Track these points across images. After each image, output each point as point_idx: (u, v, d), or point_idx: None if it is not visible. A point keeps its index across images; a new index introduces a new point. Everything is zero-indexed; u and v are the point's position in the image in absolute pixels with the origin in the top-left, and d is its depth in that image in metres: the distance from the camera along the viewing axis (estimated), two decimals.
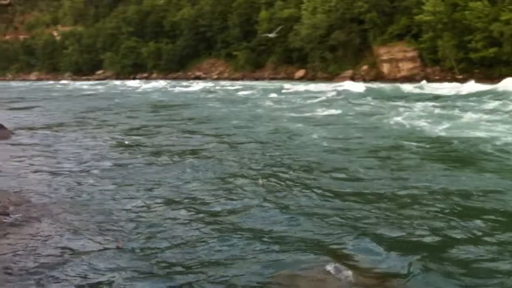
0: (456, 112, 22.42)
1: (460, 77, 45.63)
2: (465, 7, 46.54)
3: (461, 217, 8.20)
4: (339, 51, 60.86)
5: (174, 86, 57.13)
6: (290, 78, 64.29)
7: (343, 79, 54.20)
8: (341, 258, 6.79)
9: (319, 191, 9.96)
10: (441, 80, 45.46)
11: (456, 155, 13.43)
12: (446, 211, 8.54)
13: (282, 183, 10.79)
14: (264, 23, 70.79)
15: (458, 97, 30.55)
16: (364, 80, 52.20)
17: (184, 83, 63.08)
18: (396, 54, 54.18)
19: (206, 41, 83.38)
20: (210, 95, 42.04)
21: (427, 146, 14.59)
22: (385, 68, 55.33)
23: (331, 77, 58.08)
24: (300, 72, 65.79)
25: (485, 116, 20.53)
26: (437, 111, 23.44)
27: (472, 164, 12.20)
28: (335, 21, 60.27)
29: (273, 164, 12.84)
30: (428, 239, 7.38)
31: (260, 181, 10.83)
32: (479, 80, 40.03)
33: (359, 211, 8.68)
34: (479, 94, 30.35)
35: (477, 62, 45.94)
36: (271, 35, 67.69)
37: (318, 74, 61.93)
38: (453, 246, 7.11)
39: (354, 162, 12.71)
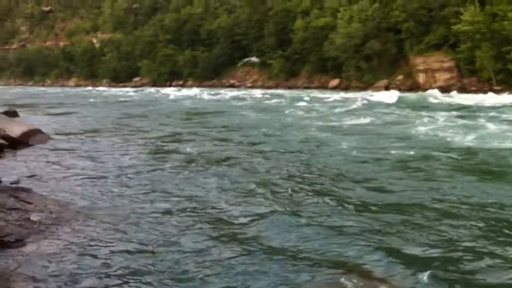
0: (487, 123, 22.15)
1: (498, 88, 44.77)
2: (504, 17, 45.62)
3: (495, 233, 8.07)
4: (374, 60, 60.33)
5: (208, 94, 57.55)
6: (324, 87, 63.99)
7: (378, 88, 53.77)
8: (363, 273, 6.75)
9: (347, 203, 9.95)
10: (478, 91, 44.74)
11: (486, 167, 13.27)
12: (479, 225, 8.42)
13: (310, 193, 10.81)
14: (299, 31, 70.65)
15: (490, 108, 30.20)
16: (399, 90, 51.47)
17: (218, 91, 63.51)
18: (433, 64, 53.31)
19: (241, 50, 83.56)
20: (242, 103, 42.21)
21: (458, 157, 14.45)
22: (421, 78, 54.57)
23: (365, 87, 57.54)
24: (334, 81, 65.35)
25: None
26: (467, 121, 23.17)
27: (503, 176, 12.06)
28: (371, 30, 59.77)
29: (301, 174, 12.87)
30: (460, 256, 7.27)
31: (290, 191, 10.92)
32: None
33: (387, 224, 8.63)
34: None
35: None
36: (253, 59, 68.68)
37: (353, 84, 61.42)
38: (486, 263, 7.00)
39: (384, 173, 12.65)
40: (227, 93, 57.95)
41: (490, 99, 35.55)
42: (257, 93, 56.38)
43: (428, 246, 7.62)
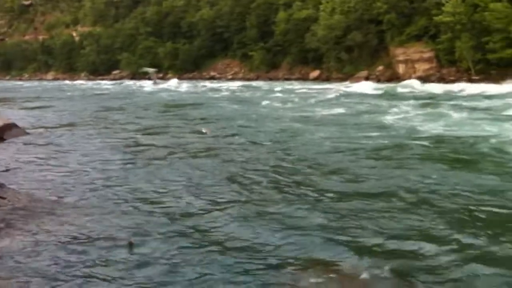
0: (459, 112, 22.45)
1: (476, 78, 45.23)
2: (485, 8, 45.91)
3: (463, 221, 8.08)
4: (355, 51, 60.40)
5: (187, 86, 57.39)
6: (304, 78, 64.13)
7: (358, 79, 53.99)
8: (330, 267, 6.67)
9: (320, 194, 9.90)
10: (457, 81, 45.13)
11: (456, 154, 13.43)
12: (448, 214, 8.44)
13: (284, 185, 10.76)
14: (281, 23, 70.63)
15: (464, 97, 30.77)
16: (379, 81, 51.98)
17: (198, 83, 63.28)
18: (412, 55, 53.57)
19: (222, 42, 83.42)
20: (221, 95, 42.19)
21: (430, 145, 14.61)
22: (401, 68, 54.80)
23: (346, 78, 57.60)
24: (315, 73, 65.45)
25: (486, 116, 20.64)
26: (441, 110, 23.43)
27: (472, 164, 12.20)
28: (353, 21, 59.83)
29: (276, 165, 12.79)
30: (428, 246, 7.18)
31: (265, 183, 10.83)
32: (495, 81, 39.79)
33: (359, 215, 8.58)
34: (486, 95, 30.54)
35: (494, 63, 45.38)
36: (150, 71, 69.47)
37: (333, 75, 61.50)
38: (454, 252, 6.96)
39: (357, 162, 12.71)
40: (207, 85, 57.89)
41: (466, 88, 36.09)
42: (237, 85, 56.32)
43: (397, 237, 7.58)
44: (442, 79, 47.86)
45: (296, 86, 49.82)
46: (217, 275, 6.56)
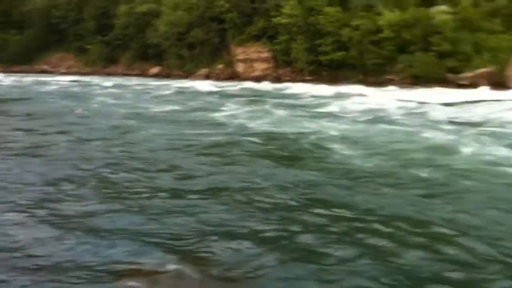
0: (286, 110, 23.28)
1: (309, 78, 47.96)
2: (319, 11, 48.59)
3: (289, 217, 8.02)
4: (197, 49, 60.57)
5: (12, 80, 52.86)
6: (144, 75, 62.95)
7: (198, 77, 54.71)
8: (153, 272, 6.14)
9: (149, 193, 9.20)
10: (291, 80, 47.41)
11: (280, 151, 13.75)
12: (275, 210, 8.30)
13: (110, 187, 9.91)
14: (122, 17, 68.61)
15: (293, 96, 32.12)
16: (219, 79, 52.85)
17: (26, 77, 58.84)
18: (252, 55, 55.18)
19: (58, 34, 78.76)
20: (50, 90, 39.27)
21: (257, 141, 14.77)
22: (240, 67, 56.10)
23: (186, 75, 57.78)
24: (155, 69, 64.52)
25: (309, 114, 21.75)
26: (269, 109, 24.09)
27: (295, 160, 12.62)
28: (195, 18, 59.97)
29: (106, 163, 11.91)
30: (257, 245, 6.89)
31: (90, 185, 10.00)
32: (325, 81, 42.42)
33: (187, 212, 8.10)
34: (312, 95, 32.33)
35: (326, 64, 48.28)
36: None
37: (174, 72, 61.11)
38: (281, 249, 6.75)
39: (189, 159, 12.39)
40: (36, 79, 54.00)
41: (297, 88, 37.94)
42: (70, 79, 53.41)
43: (222, 234, 7.23)
44: (278, 79, 49.96)
45: (134, 82, 48.67)
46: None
